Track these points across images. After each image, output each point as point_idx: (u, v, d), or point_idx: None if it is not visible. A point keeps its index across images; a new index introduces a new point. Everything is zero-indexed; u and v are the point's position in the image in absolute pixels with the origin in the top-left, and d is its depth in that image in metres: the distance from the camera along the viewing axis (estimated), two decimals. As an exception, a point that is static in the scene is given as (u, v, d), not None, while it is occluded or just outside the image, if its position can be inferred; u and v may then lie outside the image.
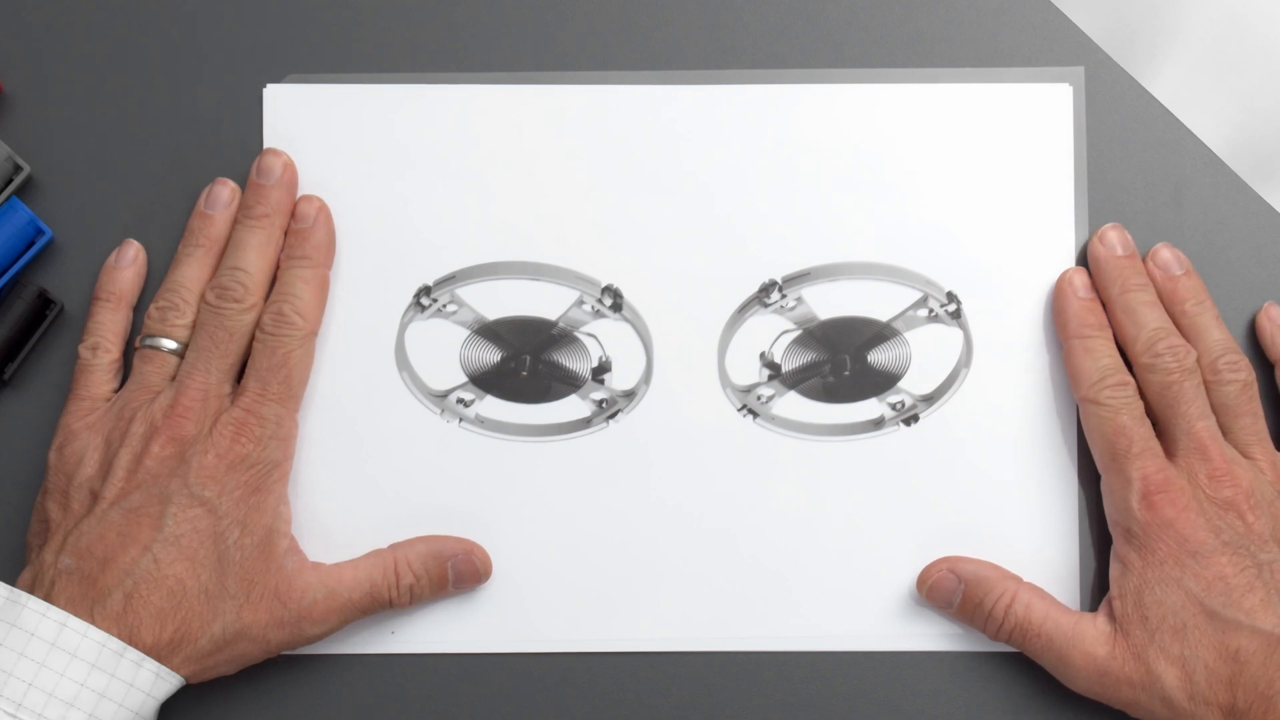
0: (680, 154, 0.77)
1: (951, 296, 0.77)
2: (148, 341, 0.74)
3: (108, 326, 0.74)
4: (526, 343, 0.77)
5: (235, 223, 0.75)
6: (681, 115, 0.77)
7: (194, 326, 0.74)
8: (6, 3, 0.77)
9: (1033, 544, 0.76)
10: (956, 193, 0.76)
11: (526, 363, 0.77)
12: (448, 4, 0.77)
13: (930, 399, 0.77)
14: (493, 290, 0.77)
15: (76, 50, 0.77)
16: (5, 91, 0.77)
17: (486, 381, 0.77)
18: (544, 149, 0.77)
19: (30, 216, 0.75)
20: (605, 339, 0.77)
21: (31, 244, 0.76)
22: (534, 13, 0.77)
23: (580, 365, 0.77)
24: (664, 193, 0.77)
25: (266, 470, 0.72)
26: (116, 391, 0.74)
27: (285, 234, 0.75)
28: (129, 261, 0.75)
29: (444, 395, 0.77)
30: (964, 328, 0.77)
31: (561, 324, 0.77)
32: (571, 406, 0.77)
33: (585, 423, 0.77)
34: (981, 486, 0.76)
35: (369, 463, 0.76)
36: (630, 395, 0.77)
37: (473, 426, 0.76)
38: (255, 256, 0.74)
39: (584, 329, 0.77)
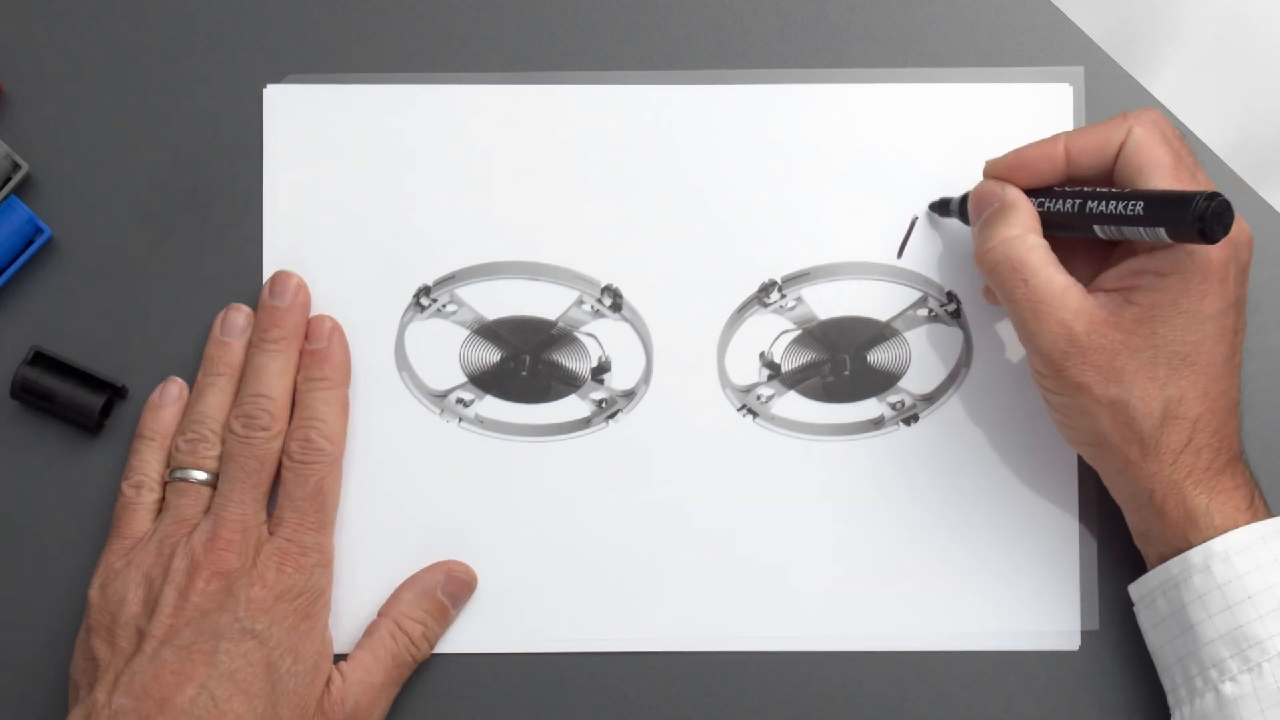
0: (680, 154, 0.77)
1: (951, 296, 0.77)
2: (179, 474, 0.73)
3: (152, 465, 0.74)
4: (526, 343, 0.77)
5: (251, 346, 0.75)
6: (681, 115, 0.77)
7: (222, 456, 0.74)
8: (6, 3, 0.77)
9: (1032, 544, 0.76)
10: (957, 193, 0.76)
11: (526, 363, 0.77)
12: (448, 4, 0.77)
13: (930, 399, 0.77)
14: (492, 290, 0.77)
15: (76, 50, 0.77)
16: (5, 91, 0.77)
17: (486, 381, 0.77)
18: (544, 149, 0.77)
19: (29, 215, 0.75)
20: (605, 339, 0.77)
21: (30, 243, 0.76)
22: (534, 13, 0.77)
23: (580, 365, 0.77)
24: (663, 192, 0.77)
25: (313, 597, 0.72)
26: None
27: (300, 354, 0.75)
28: (172, 399, 0.75)
29: (444, 395, 0.76)
30: (964, 328, 0.77)
31: (561, 324, 0.77)
32: (571, 406, 0.77)
33: (585, 423, 0.76)
34: (981, 486, 0.76)
35: (369, 462, 0.76)
36: (630, 395, 0.76)
37: (472, 426, 0.76)
38: (276, 381, 0.74)
39: (583, 329, 0.77)
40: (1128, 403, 0.68)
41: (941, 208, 0.76)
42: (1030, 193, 0.71)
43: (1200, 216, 0.64)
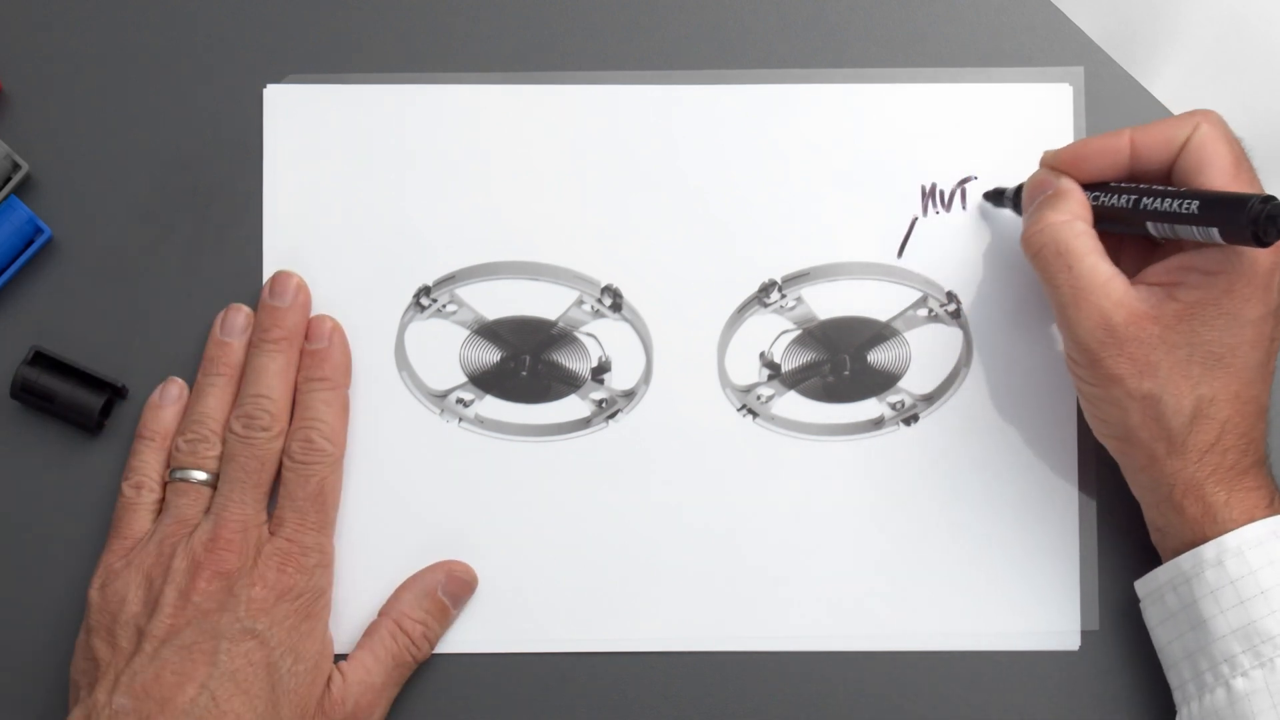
0: (680, 154, 0.77)
1: (951, 296, 0.77)
2: (179, 475, 0.74)
3: (152, 465, 0.74)
4: (526, 343, 0.77)
5: (251, 346, 0.75)
6: (681, 115, 0.77)
7: (223, 456, 0.74)
8: (6, 3, 0.77)
9: (1032, 543, 0.76)
10: (956, 192, 0.76)
11: (526, 363, 0.77)
12: (448, 4, 0.77)
13: (930, 399, 0.77)
14: (492, 290, 0.77)
15: (76, 50, 0.77)
16: (5, 91, 0.77)
17: (486, 381, 0.77)
18: (544, 149, 0.77)
19: (29, 215, 0.75)
20: (605, 339, 0.77)
21: (30, 243, 0.76)
22: (534, 13, 0.77)
23: (580, 365, 0.77)
24: (663, 192, 0.77)
25: (314, 597, 0.73)
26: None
27: (300, 354, 0.75)
28: (173, 400, 0.75)
29: (444, 395, 0.76)
30: (964, 328, 0.77)
31: (561, 324, 0.77)
32: (571, 406, 0.77)
33: (585, 423, 0.76)
34: (981, 486, 0.76)
35: (369, 462, 0.76)
36: (630, 395, 0.77)
37: (472, 426, 0.76)
38: (277, 382, 0.74)
39: (584, 329, 0.77)
40: (1160, 398, 0.68)
41: (996, 197, 0.76)
42: (1086, 187, 0.71)
43: (1255, 219, 0.64)
